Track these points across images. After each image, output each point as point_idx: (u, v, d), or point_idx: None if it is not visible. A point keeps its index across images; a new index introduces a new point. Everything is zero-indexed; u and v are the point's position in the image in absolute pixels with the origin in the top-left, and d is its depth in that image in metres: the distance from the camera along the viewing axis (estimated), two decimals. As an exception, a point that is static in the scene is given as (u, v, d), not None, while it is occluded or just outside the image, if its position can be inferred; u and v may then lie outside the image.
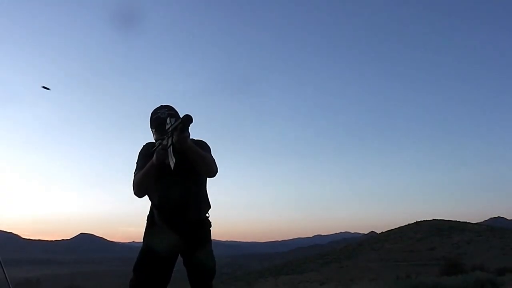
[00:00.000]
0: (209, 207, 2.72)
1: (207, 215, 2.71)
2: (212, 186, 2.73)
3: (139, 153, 2.69)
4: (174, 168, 2.34)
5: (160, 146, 2.42)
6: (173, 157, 2.34)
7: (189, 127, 2.26)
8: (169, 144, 2.36)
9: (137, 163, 2.66)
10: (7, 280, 4.00)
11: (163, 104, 2.66)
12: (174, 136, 2.29)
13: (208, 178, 2.67)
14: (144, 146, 2.71)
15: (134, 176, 2.61)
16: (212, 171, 2.53)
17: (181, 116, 2.25)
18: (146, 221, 2.73)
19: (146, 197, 2.65)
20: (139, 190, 2.56)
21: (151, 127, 2.67)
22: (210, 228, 2.71)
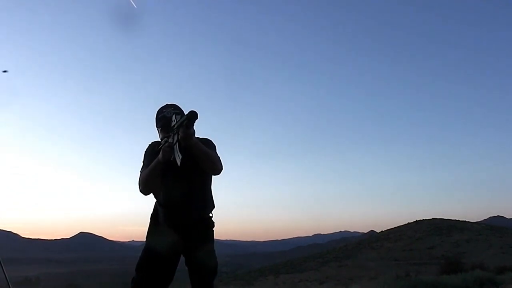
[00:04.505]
0: (213, 206, 2.71)
1: (210, 215, 2.70)
2: (212, 185, 2.72)
3: (145, 151, 2.69)
4: (180, 165, 2.34)
5: (166, 144, 2.42)
6: (179, 153, 2.33)
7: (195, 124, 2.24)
8: (174, 141, 2.35)
9: (143, 161, 2.66)
10: (6, 279, 4.00)
11: (168, 103, 2.66)
12: (179, 133, 2.28)
13: (212, 177, 2.67)
14: (150, 144, 2.71)
15: (140, 173, 2.60)
16: (217, 168, 2.54)
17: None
18: (149, 220, 2.72)
19: (149, 196, 2.63)
20: (145, 187, 2.55)
21: (156, 126, 2.66)
22: (213, 228, 2.70)
